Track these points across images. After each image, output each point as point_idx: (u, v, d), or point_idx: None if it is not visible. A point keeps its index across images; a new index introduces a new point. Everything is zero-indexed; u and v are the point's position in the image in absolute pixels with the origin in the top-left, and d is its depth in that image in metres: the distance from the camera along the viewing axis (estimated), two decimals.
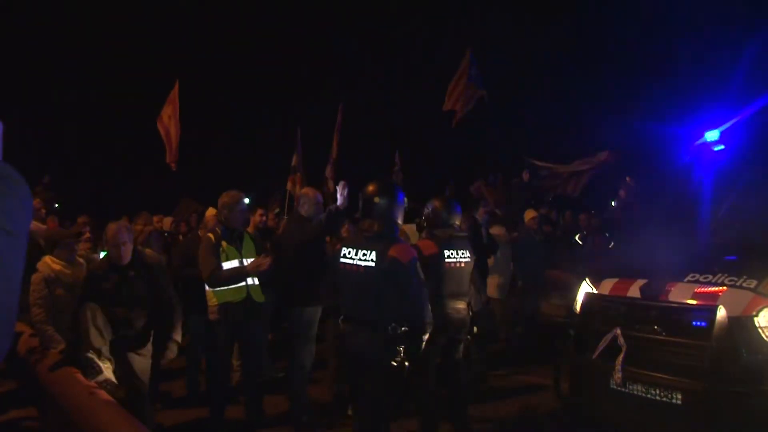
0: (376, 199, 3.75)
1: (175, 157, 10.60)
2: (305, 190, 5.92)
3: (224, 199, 5.08)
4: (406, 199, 3.90)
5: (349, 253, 3.72)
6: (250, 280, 4.98)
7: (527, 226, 8.32)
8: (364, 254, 3.64)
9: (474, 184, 10.83)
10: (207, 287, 4.97)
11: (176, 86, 10.59)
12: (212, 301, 4.96)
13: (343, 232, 6.03)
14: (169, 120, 10.54)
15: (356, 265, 3.66)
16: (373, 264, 3.59)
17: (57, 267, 4.96)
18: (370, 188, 3.81)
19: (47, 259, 4.99)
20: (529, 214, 8.37)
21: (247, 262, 4.99)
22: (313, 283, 5.18)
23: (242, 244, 5.10)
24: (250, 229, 6.68)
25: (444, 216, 4.78)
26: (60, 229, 5.74)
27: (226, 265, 4.89)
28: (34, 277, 4.85)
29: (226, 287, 4.88)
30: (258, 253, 5.14)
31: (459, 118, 10.95)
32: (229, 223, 5.04)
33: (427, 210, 4.91)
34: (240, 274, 4.88)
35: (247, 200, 5.21)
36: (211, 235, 4.99)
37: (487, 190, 10.51)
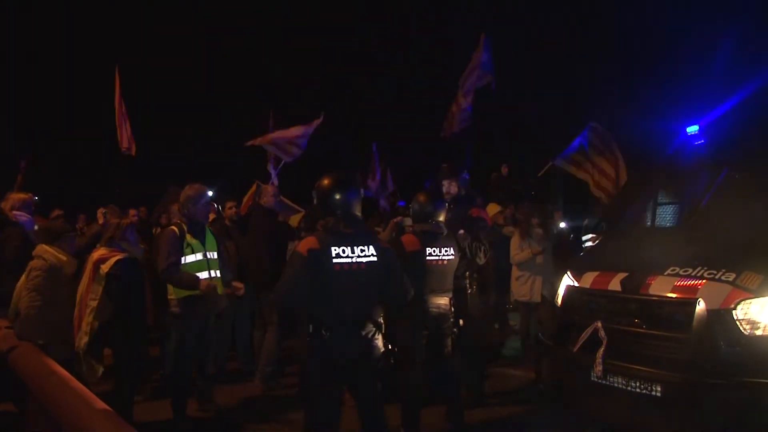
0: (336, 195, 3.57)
1: (130, 143, 10.29)
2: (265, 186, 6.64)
3: (188, 192, 5.15)
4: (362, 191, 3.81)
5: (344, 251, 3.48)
6: (212, 273, 5.11)
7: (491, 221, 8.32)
8: (362, 250, 3.50)
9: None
10: None
11: (116, 72, 10.36)
12: (173, 294, 5.01)
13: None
14: (119, 106, 10.34)
15: (356, 263, 3.48)
16: (375, 258, 3.51)
17: (63, 258, 4.90)
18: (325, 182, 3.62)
19: (48, 248, 4.88)
20: (493, 209, 8.38)
21: (210, 255, 5.12)
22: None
23: (205, 237, 5.20)
24: (226, 222, 6.81)
25: (429, 210, 4.76)
26: (61, 224, 5.78)
27: (190, 258, 4.99)
28: (39, 264, 4.75)
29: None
30: (219, 248, 5.29)
31: (458, 125, 10.57)
32: (192, 216, 5.13)
33: (413, 205, 4.88)
34: (193, 283, 4.90)
35: (210, 193, 5.30)
36: (174, 228, 5.07)
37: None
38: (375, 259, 3.50)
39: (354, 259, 3.45)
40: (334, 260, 3.41)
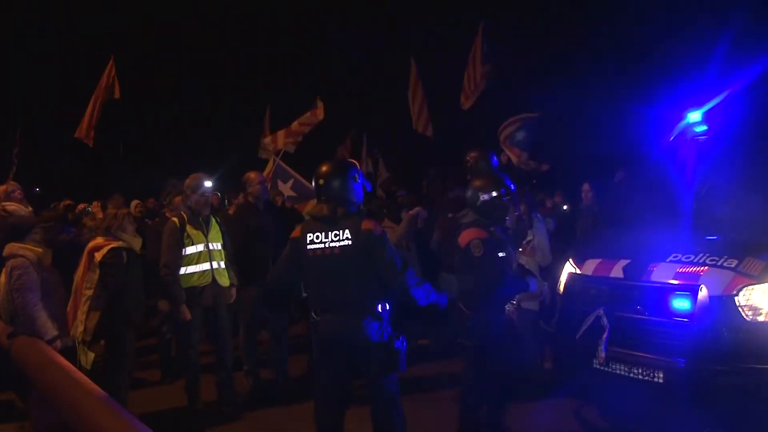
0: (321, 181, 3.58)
1: (89, 134, 10.23)
2: (249, 174, 6.00)
3: (187, 182, 5.13)
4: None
5: (317, 237, 3.48)
6: (215, 264, 5.08)
7: None
8: (336, 234, 3.46)
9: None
10: None
11: (111, 62, 10.22)
12: None
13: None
14: (99, 96, 10.20)
15: (329, 248, 3.45)
16: (349, 242, 3.44)
17: (39, 250, 4.83)
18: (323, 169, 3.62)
19: (20, 245, 4.75)
20: None
21: (213, 246, 5.09)
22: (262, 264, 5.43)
23: (209, 228, 5.13)
24: (231, 210, 6.76)
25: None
26: (28, 216, 5.56)
27: (191, 249, 4.97)
28: (20, 262, 4.64)
29: (190, 273, 4.98)
30: (224, 238, 5.24)
31: (472, 100, 10.55)
32: (193, 206, 5.08)
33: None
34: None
35: (209, 183, 5.22)
36: (175, 220, 5.05)
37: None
38: (348, 243, 3.44)
39: (327, 245, 3.46)
40: (309, 246, 3.49)
